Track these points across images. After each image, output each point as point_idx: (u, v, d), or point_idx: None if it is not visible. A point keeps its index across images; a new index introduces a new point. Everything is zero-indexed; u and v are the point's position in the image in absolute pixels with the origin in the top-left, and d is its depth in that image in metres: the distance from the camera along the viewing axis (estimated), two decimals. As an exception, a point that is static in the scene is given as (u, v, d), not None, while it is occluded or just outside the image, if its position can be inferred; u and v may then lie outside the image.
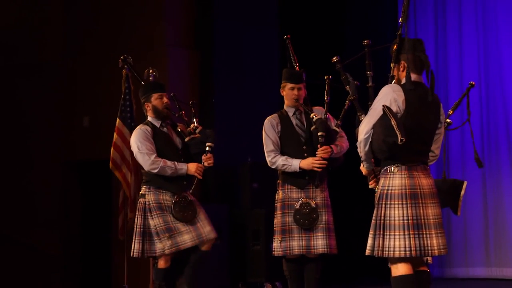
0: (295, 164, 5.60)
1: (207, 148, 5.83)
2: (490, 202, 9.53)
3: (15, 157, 10.22)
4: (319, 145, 5.54)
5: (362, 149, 4.33)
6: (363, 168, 4.50)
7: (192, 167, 5.76)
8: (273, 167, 5.71)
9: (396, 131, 4.11)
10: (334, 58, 4.97)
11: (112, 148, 8.33)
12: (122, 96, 8.39)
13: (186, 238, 5.72)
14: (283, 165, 5.64)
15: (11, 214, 10.13)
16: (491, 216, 9.50)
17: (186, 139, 5.91)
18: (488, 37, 9.50)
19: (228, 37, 9.68)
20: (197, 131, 5.94)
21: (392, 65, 4.41)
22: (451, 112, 5.45)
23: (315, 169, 5.55)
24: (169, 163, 5.72)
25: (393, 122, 4.12)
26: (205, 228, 5.80)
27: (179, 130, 5.97)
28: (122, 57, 8.33)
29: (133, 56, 8.29)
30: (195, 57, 9.60)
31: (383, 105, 4.20)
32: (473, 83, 5.36)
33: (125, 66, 8.41)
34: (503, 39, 9.41)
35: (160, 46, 9.37)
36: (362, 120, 4.43)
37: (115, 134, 8.37)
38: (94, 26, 9.87)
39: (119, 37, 9.62)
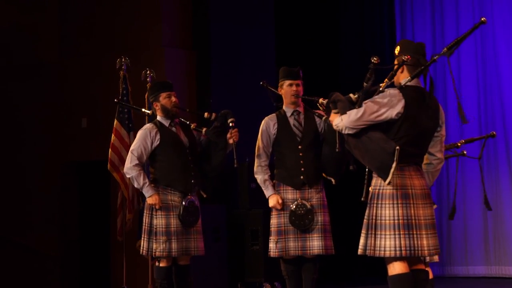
0: (267, 193, 5.70)
1: (231, 124, 5.80)
2: (490, 197, 9.52)
3: (13, 159, 10.22)
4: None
5: (340, 127, 4.33)
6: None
7: (151, 199, 5.72)
8: (255, 175, 5.76)
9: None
10: (375, 58, 4.44)
11: (110, 149, 8.35)
12: (120, 97, 8.43)
13: (179, 247, 5.73)
14: (260, 182, 5.73)
15: (10, 215, 10.12)
16: (490, 216, 9.51)
17: (204, 130, 5.87)
18: (485, 37, 9.54)
19: (225, 37, 9.67)
20: (213, 118, 5.88)
21: (391, 74, 4.39)
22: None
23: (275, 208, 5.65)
24: (141, 179, 5.71)
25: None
26: (197, 243, 5.81)
27: (193, 127, 5.95)
28: (119, 59, 8.39)
29: (130, 56, 8.33)
30: (192, 58, 9.60)
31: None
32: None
33: (123, 67, 8.47)
34: (499, 38, 9.45)
35: (157, 47, 9.36)
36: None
37: (113, 135, 8.39)
38: (91, 26, 9.86)
39: (116, 38, 9.62)
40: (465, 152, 5.38)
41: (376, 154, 4.27)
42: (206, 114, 5.93)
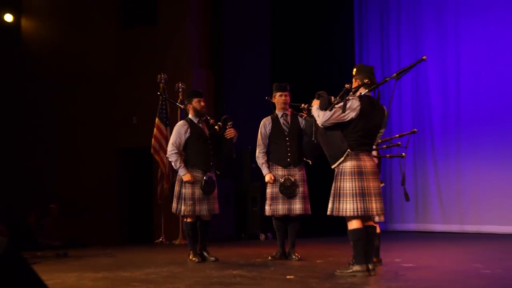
0: (264, 172, 5.67)
1: (229, 126, 5.75)
2: (419, 174, 9.57)
3: (86, 147, 10.18)
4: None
5: (319, 121, 4.31)
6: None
7: (185, 177, 5.62)
8: (256, 159, 5.75)
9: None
10: (348, 85, 4.37)
11: (152, 139, 8.43)
12: (160, 102, 8.50)
13: (202, 208, 5.65)
14: (259, 164, 5.71)
15: (81, 187, 10.11)
16: (419, 185, 9.53)
17: (217, 128, 5.77)
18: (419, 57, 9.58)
19: (234, 60, 9.59)
20: (221, 125, 5.78)
21: (353, 88, 4.43)
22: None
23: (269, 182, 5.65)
24: (178, 163, 5.61)
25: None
26: (215, 205, 5.73)
27: (212, 124, 5.81)
28: (159, 75, 8.43)
29: (167, 74, 8.36)
30: (211, 75, 9.51)
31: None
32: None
33: (162, 81, 8.52)
34: (430, 62, 9.42)
35: (187, 67, 9.31)
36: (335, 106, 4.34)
37: (155, 129, 8.47)
38: (142, 52, 9.80)
39: (158, 60, 9.56)
40: (399, 143, 5.26)
41: (333, 147, 4.32)
42: (216, 127, 5.84)
